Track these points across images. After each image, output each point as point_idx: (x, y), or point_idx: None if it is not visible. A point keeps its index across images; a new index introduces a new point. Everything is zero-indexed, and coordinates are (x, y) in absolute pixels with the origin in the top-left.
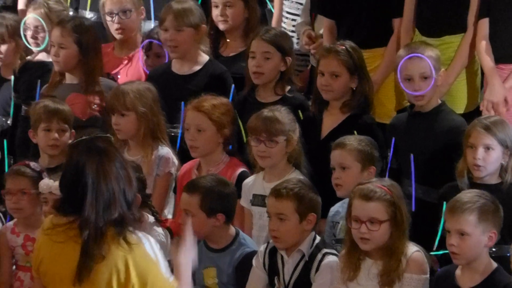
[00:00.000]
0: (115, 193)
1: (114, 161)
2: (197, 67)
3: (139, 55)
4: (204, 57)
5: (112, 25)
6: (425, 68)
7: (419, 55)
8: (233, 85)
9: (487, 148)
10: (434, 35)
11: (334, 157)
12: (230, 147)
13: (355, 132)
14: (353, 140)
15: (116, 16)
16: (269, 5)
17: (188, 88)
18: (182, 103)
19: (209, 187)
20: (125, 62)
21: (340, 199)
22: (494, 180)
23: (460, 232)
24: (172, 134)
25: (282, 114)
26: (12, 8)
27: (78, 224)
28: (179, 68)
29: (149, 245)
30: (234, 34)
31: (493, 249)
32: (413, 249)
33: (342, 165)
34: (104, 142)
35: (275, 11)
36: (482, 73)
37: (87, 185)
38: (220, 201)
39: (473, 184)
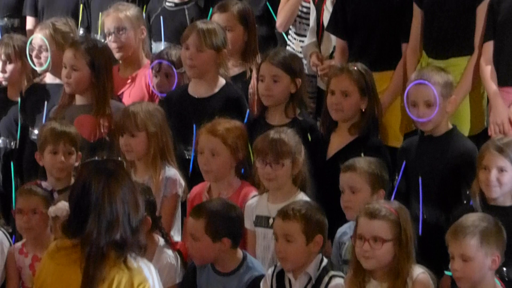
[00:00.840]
0: (119, 215)
1: (122, 184)
2: (214, 90)
3: (148, 75)
4: (221, 81)
5: (111, 44)
6: (429, 96)
7: (425, 82)
8: (248, 110)
9: (501, 170)
10: (441, 57)
11: (344, 179)
12: (243, 170)
13: (362, 154)
14: (363, 163)
15: (113, 35)
16: None
17: (204, 111)
18: (194, 125)
19: (214, 211)
20: (129, 82)
21: (347, 220)
22: (508, 202)
23: (463, 257)
24: (187, 156)
25: (289, 136)
26: (20, 29)
27: (80, 244)
28: (196, 91)
29: (148, 272)
30: (232, 56)
31: (505, 271)
32: (418, 271)
33: (353, 188)
34: (115, 165)
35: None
36: None
37: (91, 205)
38: (226, 225)
39: (487, 206)
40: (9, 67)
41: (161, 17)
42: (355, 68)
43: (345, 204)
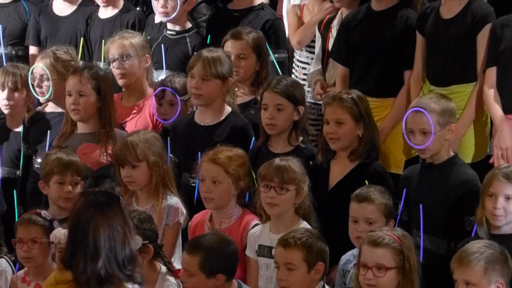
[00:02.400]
0: (101, 248)
1: (110, 219)
2: (220, 119)
3: (151, 103)
4: (227, 109)
5: (114, 71)
6: (425, 124)
7: (421, 110)
8: (253, 138)
9: (507, 198)
10: (442, 84)
11: (359, 210)
12: (247, 199)
13: (366, 181)
14: (378, 194)
15: (117, 61)
16: (272, 56)
17: (210, 139)
18: (199, 153)
19: (209, 248)
20: (135, 112)
21: (349, 248)
22: None
23: (466, 283)
24: (192, 184)
25: (295, 164)
26: (24, 57)
27: (74, 278)
28: (202, 118)
29: None
30: (243, 84)
31: None
32: None
33: (369, 220)
34: (108, 199)
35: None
36: (491, 123)
37: (79, 236)
38: (220, 261)
39: (492, 235)
40: (16, 96)
41: (162, 46)
42: (348, 95)
43: (359, 234)
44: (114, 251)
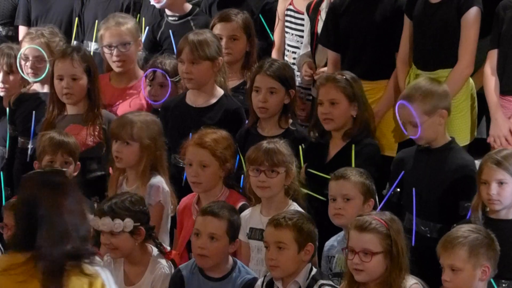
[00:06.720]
0: (68, 226)
1: (67, 196)
2: (212, 101)
3: (141, 84)
4: (219, 91)
5: (111, 58)
6: (411, 117)
7: (405, 103)
8: (246, 121)
9: (500, 183)
10: (429, 69)
11: (336, 187)
12: (242, 183)
13: (353, 145)
14: (355, 172)
15: (115, 49)
16: (271, 37)
17: (202, 121)
18: (190, 134)
19: (232, 213)
20: (135, 96)
21: (335, 231)
22: (511, 215)
23: (452, 267)
24: (182, 165)
25: (282, 146)
26: (14, 38)
27: (32, 258)
28: (194, 100)
29: (105, 277)
30: (233, 67)
31: (504, 285)
32: (411, 282)
33: (346, 196)
34: (59, 176)
35: (275, 41)
36: (480, 107)
37: (39, 218)
38: (237, 226)
39: (489, 219)
40: (11, 78)
41: (170, 32)
42: (341, 76)
43: (337, 211)
44: (77, 227)
